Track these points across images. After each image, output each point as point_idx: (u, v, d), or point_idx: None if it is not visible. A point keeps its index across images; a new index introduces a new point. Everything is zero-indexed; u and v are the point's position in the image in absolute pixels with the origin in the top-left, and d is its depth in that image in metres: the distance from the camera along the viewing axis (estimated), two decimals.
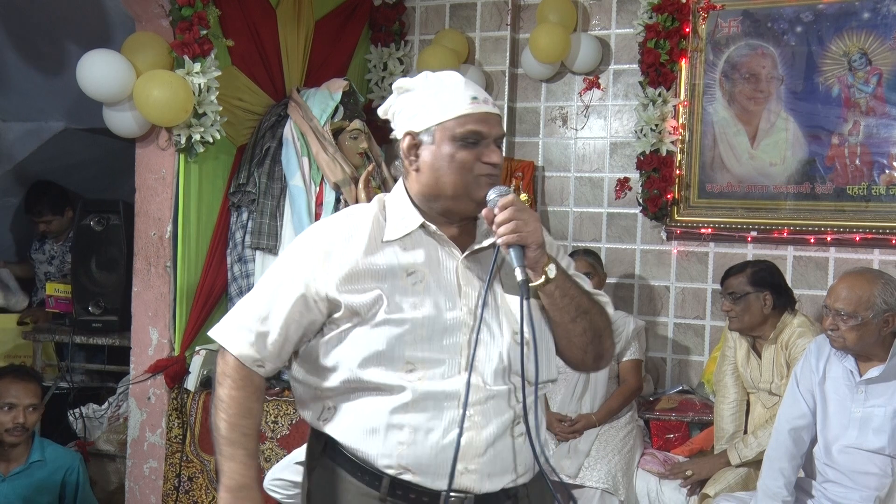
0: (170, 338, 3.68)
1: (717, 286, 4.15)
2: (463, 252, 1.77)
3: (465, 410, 1.65)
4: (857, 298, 2.72)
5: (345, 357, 1.72)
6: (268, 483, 2.97)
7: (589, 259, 3.89)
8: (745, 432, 3.56)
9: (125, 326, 3.83)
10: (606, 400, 3.79)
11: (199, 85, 3.44)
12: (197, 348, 3.67)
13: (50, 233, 4.74)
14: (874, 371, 2.77)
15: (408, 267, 1.72)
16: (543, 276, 1.69)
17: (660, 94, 4.16)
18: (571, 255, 3.83)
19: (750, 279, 3.43)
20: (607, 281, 4.41)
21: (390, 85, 4.59)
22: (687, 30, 4.16)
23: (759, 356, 3.48)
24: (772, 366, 3.40)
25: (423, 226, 1.77)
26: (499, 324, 1.73)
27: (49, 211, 4.68)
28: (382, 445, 1.69)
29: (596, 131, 4.47)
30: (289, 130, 3.82)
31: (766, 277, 3.45)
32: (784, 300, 3.44)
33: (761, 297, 3.40)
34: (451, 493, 1.67)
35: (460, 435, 1.65)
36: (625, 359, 3.87)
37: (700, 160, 4.23)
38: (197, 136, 3.51)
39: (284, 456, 3.50)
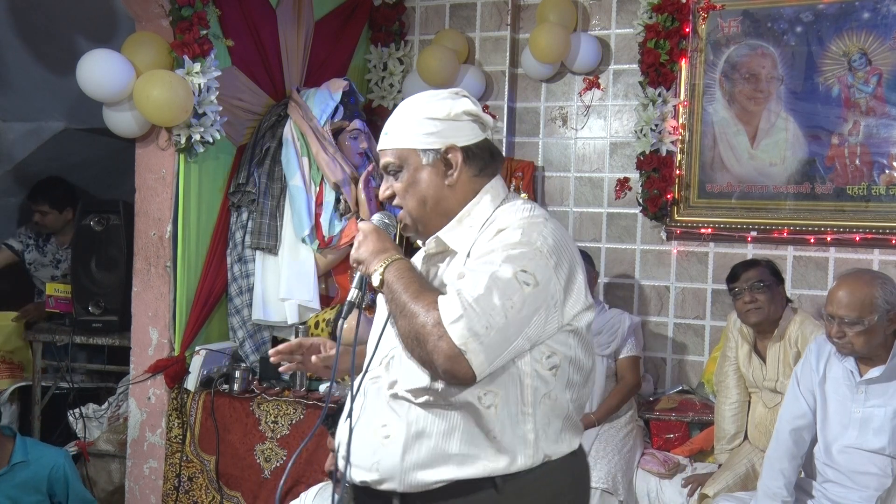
0: (170, 338, 3.68)
1: (718, 286, 4.16)
2: None
3: (352, 403, 1.84)
4: (860, 303, 2.69)
5: None
6: None
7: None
8: (746, 433, 3.56)
9: (125, 326, 3.83)
10: (605, 398, 3.79)
11: (199, 85, 3.44)
12: (197, 348, 3.67)
13: (44, 226, 4.66)
14: (874, 371, 2.77)
15: None
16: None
17: (660, 94, 4.16)
18: None
19: (770, 270, 3.45)
20: (607, 281, 4.42)
21: (390, 85, 4.67)
22: (687, 30, 4.16)
23: (761, 355, 3.48)
24: (777, 364, 3.40)
25: None
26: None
27: (47, 202, 4.59)
28: None
29: (596, 131, 4.47)
30: (289, 130, 3.82)
31: (779, 272, 3.51)
32: (786, 298, 3.47)
33: (780, 288, 3.43)
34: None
35: (351, 427, 1.82)
36: (622, 356, 3.87)
37: (700, 160, 4.23)
38: (197, 136, 3.51)
39: (284, 456, 3.50)
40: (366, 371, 1.86)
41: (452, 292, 1.68)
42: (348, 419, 1.83)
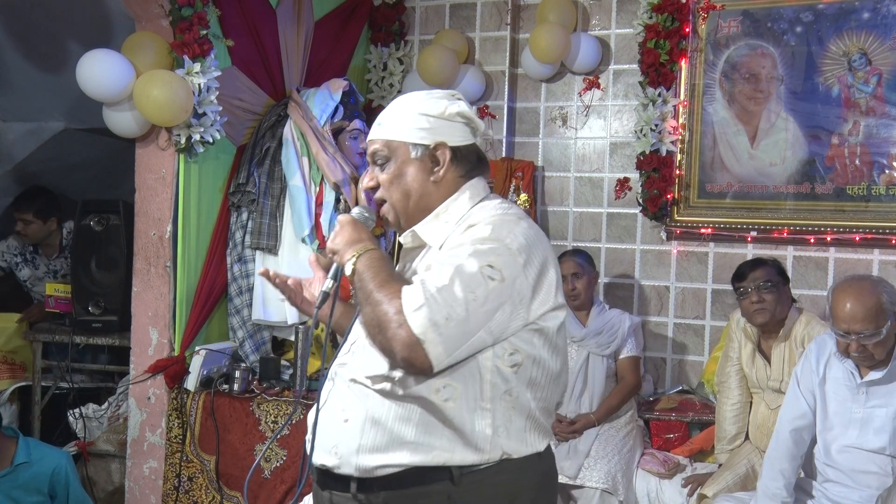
0: (170, 338, 3.68)
1: (718, 286, 4.16)
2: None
3: (320, 389, 1.90)
4: (874, 314, 2.65)
5: None
6: None
7: (577, 259, 3.88)
8: (748, 433, 3.56)
9: (125, 326, 3.83)
10: (605, 399, 3.79)
11: (199, 85, 3.44)
12: (197, 348, 3.67)
13: (26, 236, 4.60)
14: (876, 373, 2.76)
15: None
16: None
17: (660, 94, 4.16)
18: (560, 256, 3.83)
19: (776, 270, 3.43)
20: (607, 281, 4.42)
21: (390, 85, 4.67)
22: (687, 30, 4.16)
23: (765, 356, 3.46)
24: (782, 364, 3.38)
25: None
26: None
27: (31, 211, 4.52)
28: None
29: (596, 131, 4.47)
30: (289, 130, 3.82)
31: (785, 272, 3.49)
32: (792, 298, 3.46)
33: (786, 288, 3.42)
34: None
35: (318, 410, 1.86)
36: (622, 356, 3.87)
37: (700, 160, 4.23)
38: (197, 136, 3.51)
39: (285, 456, 3.50)
40: (335, 357, 1.93)
41: (416, 282, 1.69)
42: (316, 403, 1.87)
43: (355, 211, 1.93)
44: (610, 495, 3.46)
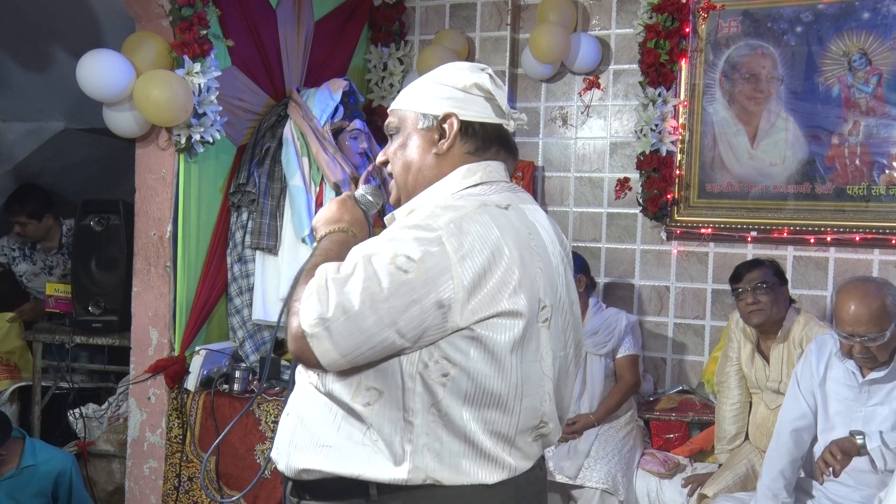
0: (170, 338, 3.68)
1: (718, 286, 4.16)
2: None
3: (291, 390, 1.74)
4: (879, 316, 2.66)
5: None
6: None
7: None
8: (747, 433, 3.56)
9: (125, 326, 3.83)
10: (604, 398, 3.79)
11: (199, 85, 3.44)
12: (197, 348, 3.67)
13: (26, 237, 4.60)
14: (878, 372, 2.76)
15: None
16: None
17: (660, 94, 4.16)
18: None
19: (773, 271, 3.43)
20: (607, 281, 4.42)
21: (390, 85, 4.67)
22: (687, 30, 4.16)
23: (764, 356, 3.46)
24: (781, 365, 3.38)
25: None
26: None
27: (24, 213, 4.51)
28: None
29: (596, 131, 4.47)
30: (289, 130, 3.82)
31: (782, 272, 3.49)
32: (790, 298, 3.46)
33: (783, 289, 3.41)
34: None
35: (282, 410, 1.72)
36: (620, 355, 3.87)
37: (700, 160, 4.23)
38: (197, 136, 3.51)
39: None
40: None
41: (320, 268, 1.51)
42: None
43: (360, 191, 1.80)
44: (610, 495, 3.46)
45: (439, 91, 1.70)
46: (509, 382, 1.55)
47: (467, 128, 1.69)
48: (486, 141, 1.70)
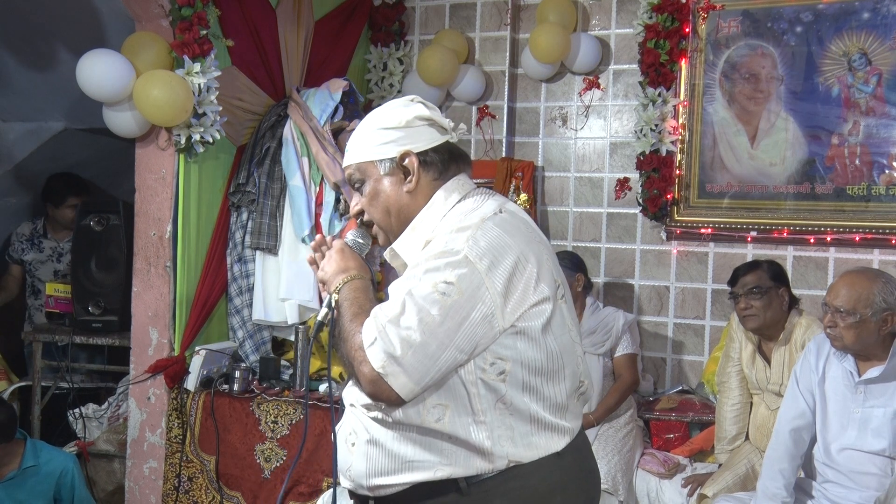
0: (170, 338, 3.68)
1: (717, 286, 4.16)
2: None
3: (333, 414, 1.90)
4: (857, 296, 2.71)
5: None
6: None
7: (563, 263, 3.86)
8: (748, 434, 3.56)
9: (125, 326, 3.83)
10: (603, 398, 3.79)
11: (199, 85, 3.44)
12: (197, 348, 3.67)
13: (64, 220, 4.60)
14: (873, 371, 2.76)
15: None
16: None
17: (660, 94, 4.16)
18: None
19: (769, 274, 3.40)
20: (607, 280, 4.42)
21: (390, 85, 4.67)
22: (687, 30, 4.16)
23: (766, 358, 3.45)
24: (782, 367, 3.37)
25: None
26: None
27: (73, 194, 4.55)
28: None
29: (596, 131, 4.47)
30: (289, 130, 3.82)
31: (782, 274, 3.46)
32: (793, 299, 3.44)
33: (780, 292, 3.39)
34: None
35: (334, 434, 1.87)
36: (618, 354, 3.87)
37: (700, 160, 4.23)
38: (197, 136, 3.51)
39: (284, 456, 3.50)
40: (348, 380, 1.91)
41: (372, 314, 1.68)
42: (333, 425, 1.89)
43: (349, 237, 1.92)
44: (610, 495, 3.46)
45: (386, 136, 1.84)
46: (553, 359, 1.75)
47: (424, 158, 1.84)
48: (443, 163, 1.86)
